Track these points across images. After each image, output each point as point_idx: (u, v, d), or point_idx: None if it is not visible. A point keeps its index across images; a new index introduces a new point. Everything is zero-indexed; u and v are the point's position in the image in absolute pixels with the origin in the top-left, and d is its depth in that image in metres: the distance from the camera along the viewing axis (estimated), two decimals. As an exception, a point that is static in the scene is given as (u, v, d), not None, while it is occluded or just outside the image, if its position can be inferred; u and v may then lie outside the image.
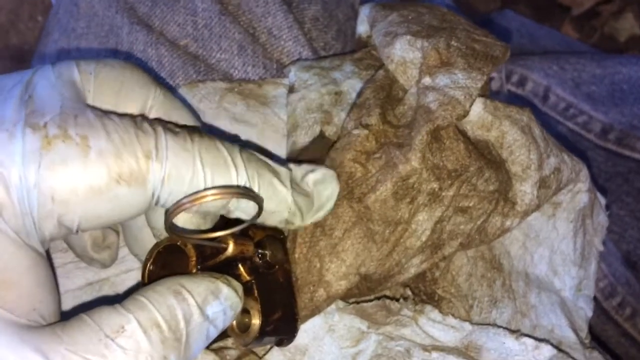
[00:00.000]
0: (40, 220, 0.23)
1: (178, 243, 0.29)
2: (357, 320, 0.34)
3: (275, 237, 0.32)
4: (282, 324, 0.31)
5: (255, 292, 0.30)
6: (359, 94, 0.36)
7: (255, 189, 0.28)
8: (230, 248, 0.29)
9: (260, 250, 0.31)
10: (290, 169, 0.30)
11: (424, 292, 0.36)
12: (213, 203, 0.26)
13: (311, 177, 0.31)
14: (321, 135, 0.37)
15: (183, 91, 0.39)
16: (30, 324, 0.23)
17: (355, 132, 0.34)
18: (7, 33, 0.96)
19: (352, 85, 0.38)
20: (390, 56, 0.36)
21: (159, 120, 0.27)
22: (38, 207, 0.23)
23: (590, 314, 0.39)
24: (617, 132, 0.59)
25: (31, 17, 0.97)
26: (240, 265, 0.30)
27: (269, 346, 0.34)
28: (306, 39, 0.42)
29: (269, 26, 0.42)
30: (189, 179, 0.25)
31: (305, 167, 0.31)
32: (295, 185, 0.30)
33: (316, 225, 0.32)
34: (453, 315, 0.35)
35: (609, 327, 0.53)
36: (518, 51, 0.73)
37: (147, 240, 0.31)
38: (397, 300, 0.34)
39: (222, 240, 0.29)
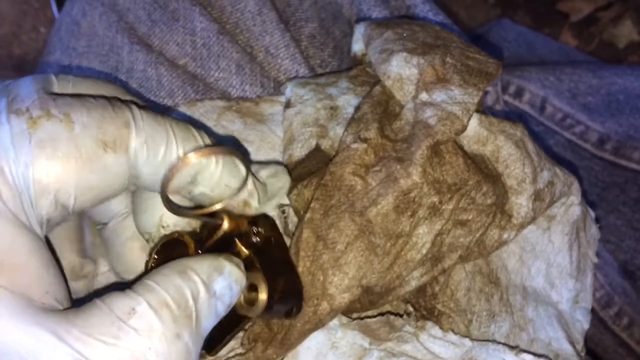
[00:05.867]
0: (37, 198, 0.24)
1: (176, 236, 0.30)
2: (359, 336, 0.34)
3: (266, 215, 0.33)
4: (288, 292, 0.32)
5: (257, 264, 0.30)
6: (357, 109, 0.37)
7: (219, 164, 0.29)
8: (226, 223, 0.30)
9: (254, 227, 0.32)
10: None
11: (424, 307, 0.36)
12: (190, 169, 0.28)
13: (263, 172, 0.33)
14: (317, 148, 0.37)
15: (182, 110, 0.40)
16: (45, 307, 0.23)
17: (354, 145, 0.34)
18: (10, 44, 0.97)
19: (347, 101, 0.38)
20: (386, 73, 0.37)
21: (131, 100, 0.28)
22: (34, 184, 0.24)
23: (586, 326, 0.39)
24: (613, 142, 0.60)
25: (34, 28, 0.98)
26: (237, 241, 0.31)
27: None
28: (303, 57, 0.43)
29: (266, 45, 0.43)
30: (164, 149, 0.27)
31: (257, 165, 0.33)
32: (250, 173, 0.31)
33: (319, 238, 0.33)
34: (453, 330, 0.35)
35: (606, 337, 0.54)
36: (516, 60, 0.73)
37: (130, 256, 0.32)
38: (401, 316, 0.35)
39: (217, 216, 0.30)
